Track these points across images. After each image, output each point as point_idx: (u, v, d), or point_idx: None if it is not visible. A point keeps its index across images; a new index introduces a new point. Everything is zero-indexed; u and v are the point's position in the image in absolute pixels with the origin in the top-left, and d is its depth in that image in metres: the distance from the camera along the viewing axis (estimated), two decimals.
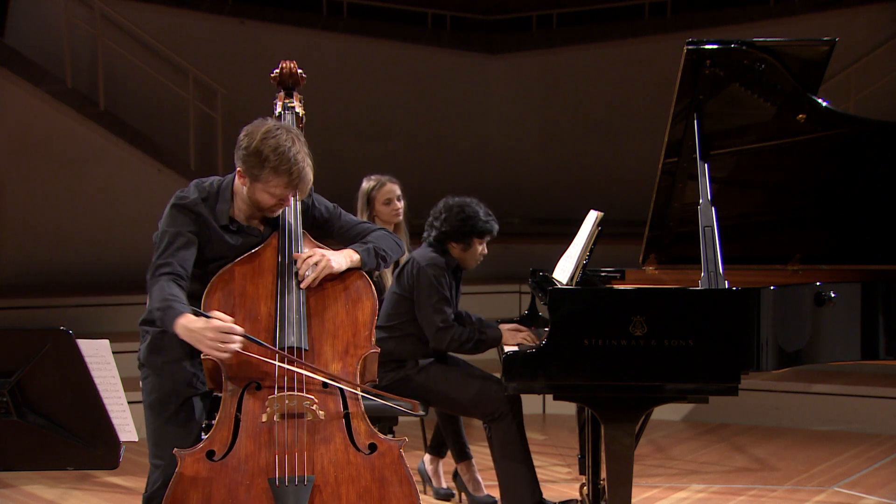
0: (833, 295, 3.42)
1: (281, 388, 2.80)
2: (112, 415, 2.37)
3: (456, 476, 4.51)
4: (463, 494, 4.51)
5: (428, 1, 11.16)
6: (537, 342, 3.80)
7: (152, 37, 8.99)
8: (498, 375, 3.65)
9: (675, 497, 4.76)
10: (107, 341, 2.47)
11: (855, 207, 3.95)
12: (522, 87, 11.25)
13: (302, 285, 2.93)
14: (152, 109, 8.99)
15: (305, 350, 2.88)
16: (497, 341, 3.89)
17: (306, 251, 3.00)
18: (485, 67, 11.31)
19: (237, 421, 2.81)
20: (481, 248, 4.03)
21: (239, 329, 2.73)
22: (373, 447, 2.83)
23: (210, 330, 2.70)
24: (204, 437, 2.85)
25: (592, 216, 3.95)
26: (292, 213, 3.07)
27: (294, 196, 3.00)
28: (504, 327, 3.93)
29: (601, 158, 10.66)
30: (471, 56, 11.28)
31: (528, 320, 4.19)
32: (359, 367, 2.92)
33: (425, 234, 4.06)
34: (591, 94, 10.78)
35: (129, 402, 2.65)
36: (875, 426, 6.00)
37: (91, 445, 2.38)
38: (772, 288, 3.34)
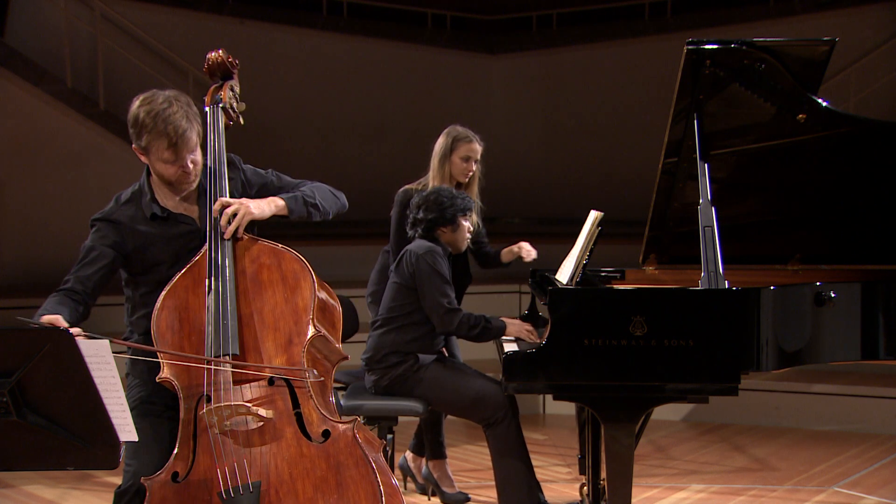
0: (833, 295, 3.42)
1: (212, 400, 2.75)
2: (112, 415, 2.37)
3: (427, 473, 4.58)
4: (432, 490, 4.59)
5: (428, 1, 11.16)
6: (538, 340, 3.81)
7: (152, 37, 8.99)
8: (497, 376, 3.66)
9: (675, 497, 4.76)
10: (107, 341, 2.46)
11: (855, 207, 3.95)
12: (522, 87, 11.25)
13: (225, 236, 2.88)
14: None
15: (235, 355, 2.79)
16: (502, 331, 3.91)
17: (225, 199, 2.93)
18: (485, 67, 11.32)
19: (195, 437, 2.78)
20: (467, 224, 4.08)
21: (74, 331, 2.50)
22: (326, 434, 2.76)
23: None
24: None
25: (592, 216, 3.95)
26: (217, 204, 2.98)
27: (186, 160, 2.88)
28: (508, 320, 3.96)
29: (601, 158, 10.67)
30: (471, 56, 11.28)
31: (529, 320, 4.19)
32: (305, 354, 2.81)
33: (411, 232, 4.07)
34: (591, 94, 10.78)
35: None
36: (875, 426, 6.00)
37: (91, 445, 2.37)
38: (772, 288, 3.34)
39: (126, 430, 2.44)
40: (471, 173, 4.50)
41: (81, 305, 2.83)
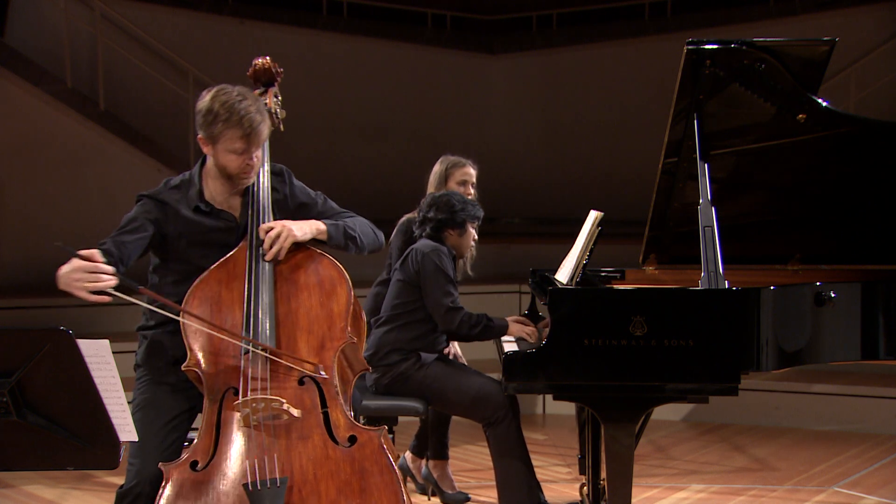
0: (833, 295, 3.42)
1: (239, 394, 2.77)
2: (112, 415, 2.37)
3: (427, 473, 4.60)
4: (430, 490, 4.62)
5: (428, 1, 11.16)
6: (538, 340, 3.81)
7: (152, 37, 8.98)
8: (497, 376, 3.66)
9: (675, 497, 4.76)
10: (107, 341, 2.46)
11: (855, 207, 3.95)
12: (522, 87, 11.25)
13: (266, 258, 2.90)
14: (152, 109, 8.99)
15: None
16: (504, 329, 3.92)
17: (268, 224, 2.96)
18: (485, 67, 11.31)
19: (218, 429, 2.79)
20: (473, 232, 4.12)
21: (108, 269, 2.62)
22: (353, 439, 2.80)
23: (75, 271, 2.61)
24: (186, 447, 2.85)
25: (592, 216, 3.95)
26: (262, 208, 3.02)
27: (253, 153, 2.93)
28: (510, 319, 3.97)
29: (601, 158, 10.66)
30: (471, 56, 11.28)
31: (529, 320, 4.19)
32: (336, 360, 2.87)
33: (418, 232, 4.10)
34: (591, 94, 10.78)
35: (129, 402, 2.64)
36: (875, 426, 6.00)
37: (91, 445, 2.37)
38: (772, 288, 3.34)
39: (126, 429, 2.44)
40: (469, 197, 4.52)
41: (112, 266, 2.79)
